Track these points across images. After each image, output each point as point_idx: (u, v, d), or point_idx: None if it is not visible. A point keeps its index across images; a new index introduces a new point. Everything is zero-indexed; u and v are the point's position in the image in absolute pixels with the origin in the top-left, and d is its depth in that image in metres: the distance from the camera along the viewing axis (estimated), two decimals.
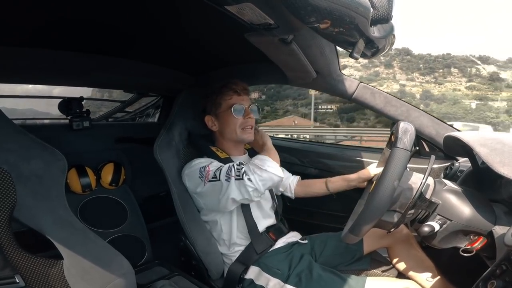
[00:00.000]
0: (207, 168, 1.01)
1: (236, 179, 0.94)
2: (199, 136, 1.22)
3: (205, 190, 1.02)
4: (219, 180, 0.97)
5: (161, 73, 1.49)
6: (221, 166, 1.01)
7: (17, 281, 0.71)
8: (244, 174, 0.93)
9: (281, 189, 1.35)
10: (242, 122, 1.12)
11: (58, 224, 0.76)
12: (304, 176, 1.39)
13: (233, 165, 0.97)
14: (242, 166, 0.96)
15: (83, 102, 1.53)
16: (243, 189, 0.94)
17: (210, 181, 0.99)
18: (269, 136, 1.19)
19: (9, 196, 0.71)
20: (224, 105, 1.12)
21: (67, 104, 1.50)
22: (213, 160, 1.09)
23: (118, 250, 0.85)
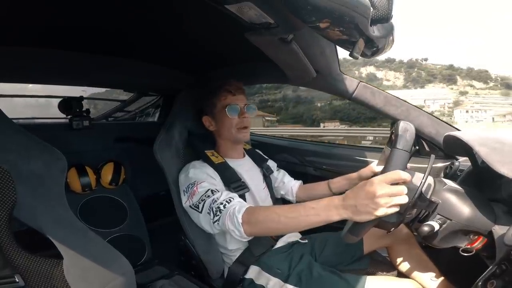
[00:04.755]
0: (194, 188, 0.99)
1: (213, 222, 0.92)
2: (197, 137, 1.22)
3: (186, 207, 1.03)
4: (200, 212, 0.96)
5: (161, 72, 1.49)
6: (208, 190, 0.96)
7: (17, 280, 0.70)
8: (222, 221, 0.89)
9: (282, 192, 1.35)
10: (238, 122, 1.12)
11: (58, 224, 0.76)
12: (304, 175, 1.39)
13: (217, 206, 0.92)
14: (223, 209, 0.91)
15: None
16: (215, 228, 0.94)
17: (191, 206, 0.99)
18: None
19: (9, 195, 0.71)
20: (219, 106, 1.13)
21: (67, 104, 1.51)
22: (207, 169, 1.07)
23: (118, 250, 0.84)
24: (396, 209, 0.66)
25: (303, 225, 0.77)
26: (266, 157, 1.35)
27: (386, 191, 0.65)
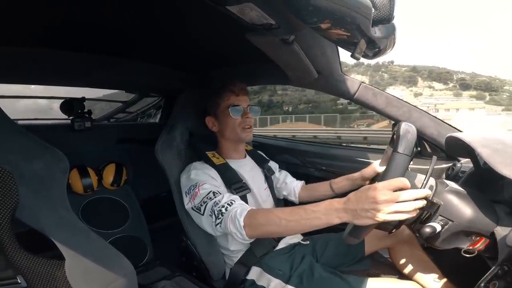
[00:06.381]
0: (196, 190, 0.99)
1: (216, 224, 0.92)
2: (198, 139, 1.23)
3: (188, 208, 1.03)
4: (202, 215, 0.96)
5: (162, 73, 1.49)
6: (210, 192, 0.96)
7: (19, 281, 0.70)
8: (225, 223, 0.89)
9: (284, 193, 1.34)
10: (241, 122, 1.13)
11: (60, 225, 0.76)
12: (305, 176, 1.39)
13: (219, 209, 0.92)
14: (224, 212, 0.91)
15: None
16: (218, 231, 0.95)
17: (193, 208, 0.99)
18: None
19: (11, 196, 0.71)
20: (223, 106, 1.13)
21: (69, 105, 1.51)
22: (208, 170, 1.07)
23: (119, 251, 0.85)
24: (399, 216, 0.65)
25: (304, 228, 0.77)
26: (268, 158, 1.35)
27: (388, 197, 0.64)
